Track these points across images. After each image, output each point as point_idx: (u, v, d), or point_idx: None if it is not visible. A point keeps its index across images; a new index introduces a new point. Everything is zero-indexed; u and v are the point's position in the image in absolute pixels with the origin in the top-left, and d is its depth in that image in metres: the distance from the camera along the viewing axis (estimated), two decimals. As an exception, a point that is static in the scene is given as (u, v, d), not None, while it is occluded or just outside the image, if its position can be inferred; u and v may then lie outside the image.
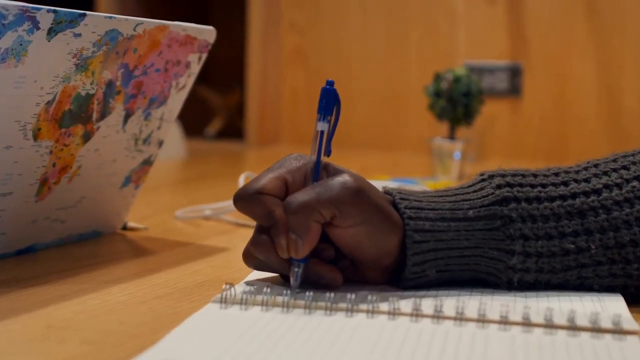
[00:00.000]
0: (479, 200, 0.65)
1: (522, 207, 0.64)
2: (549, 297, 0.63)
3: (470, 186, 0.67)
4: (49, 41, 0.64)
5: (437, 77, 1.53)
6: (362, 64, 2.16)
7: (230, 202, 0.98)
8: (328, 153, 0.64)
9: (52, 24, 0.64)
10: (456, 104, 1.50)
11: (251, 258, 0.65)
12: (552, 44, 1.96)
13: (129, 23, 0.71)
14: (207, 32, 0.82)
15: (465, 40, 2.03)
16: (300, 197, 0.61)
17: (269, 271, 0.65)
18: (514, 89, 1.99)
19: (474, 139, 1.74)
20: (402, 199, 0.64)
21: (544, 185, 0.66)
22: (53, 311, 0.58)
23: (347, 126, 2.16)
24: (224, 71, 2.60)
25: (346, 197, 0.61)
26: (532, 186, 0.66)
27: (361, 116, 2.15)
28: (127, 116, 0.78)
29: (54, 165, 0.73)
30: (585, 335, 0.54)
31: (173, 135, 1.92)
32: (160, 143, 0.86)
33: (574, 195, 0.66)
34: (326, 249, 0.64)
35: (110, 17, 0.69)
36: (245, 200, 0.63)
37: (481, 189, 0.66)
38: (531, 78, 1.97)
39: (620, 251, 0.64)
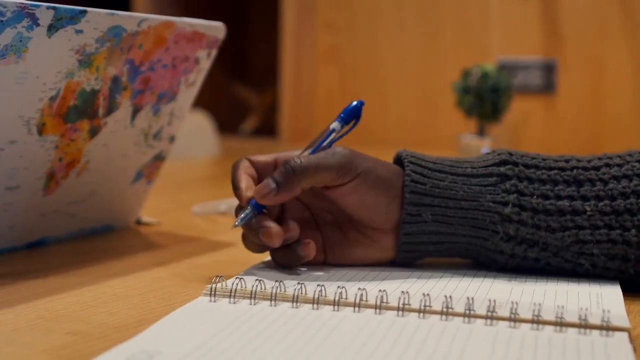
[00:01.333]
0: (479, 162, 0.68)
1: (520, 169, 0.67)
2: (547, 286, 0.63)
3: (475, 157, 0.70)
4: (49, 37, 0.65)
5: (465, 73, 1.52)
6: (396, 62, 2.15)
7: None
8: (329, 147, 0.69)
9: (52, 20, 0.65)
10: (484, 100, 1.49)
11: (244, 239, 0.69)
12: (587, 40, 1.94)
13: (132, 19, 0.72)
14: (215, 28, 0.82)
15: (499, 36, 2.01)
16: (303, 159, 0.65)
17: (264, 251, 0.68)
18: (548, 86, 1.97)
19: (507, 136, 1.73)
20: (405, 151, 0.69)
21: (544, 159, 0.68)
22: (47, 303, 0.59)
23: (381, 124, 2.16)
24: (261, 70, 2.61)
25: (342, 158, 0.65)
26: (533, 158, 0.68)
27: (395, 114, 2.15)
28: (135, 111, 0.79)
29: (60, 159, 0.74)
30: (571, 332, 0.53)
31: (206, 133, 1.94)
32: (172, 138, 0.87)
33: (572, 168, 0.68)
34: (289, 226, 0.66)
35: (113, 14, 0.70)
36: (233, 165, 0.69)
37: (484, 157, 0.69)
38: (565, 74, 1.95)
39: (617, 218, 0.65)
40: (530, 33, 1.98)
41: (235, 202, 1.00)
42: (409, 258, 0.68)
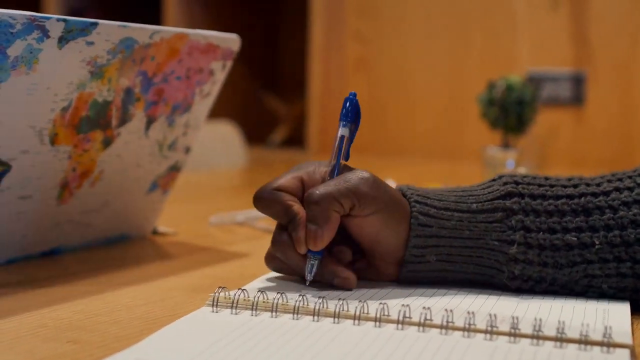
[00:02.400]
0: (484, 195, 0.66)
1: (526, 201, 0.65)
2: (554, 302, 0.62)
3: (479, 185, 0.69)
4: (60, 49, 0.66)
5: (490, 85, 1.51)
6: (424, 72, 2.15)
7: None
8: (346, 158, 0.68)
9: (62, 32, 0.65)
10: (509, 112, 1.48)
11: (272, 259, 0.67)
12: (617, 50, 1.92)
13: (144, 31, 0.73)
14: (230, 40, 0.83)
15: (528, 47, 2.00)
16: (320, 188, 0.64)
17: (288, 273, 0.67)
18: (578, 98, 1.95)
19: (535, 149, 1.72)
20: (409, 189, 0.68)
21: (552, 186, 0.67)
22: (52, 311, 0.60)
23: (408, 135, 2.15)
24: (291, 80, 2.62)
25: (364, 187, 0.63)
26: (540, 185, 0.67)
27: (422, 125, 2.14)
28: (150, 122, 0.80)
29: (74, 169, 0.75)
30: (572, 348, 0.52)
31: (233, 143, 1.95)
32: (187, 149, 0.88)
33: (581, 195, 0.66)
34: (343, 251, 0.67)
35: (125, 26, 0.70)
36: (263, 198, 0.66)
37: (489, 186, 0.68)
38: (595, 86, 1.94)
39: (627, 249, 0.63)
40: (559, 44, 1.96)
41: (252, 212, 1.01)
42: (410, 283, 0.68)
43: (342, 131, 0.67)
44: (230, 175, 1.76)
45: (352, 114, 0.67)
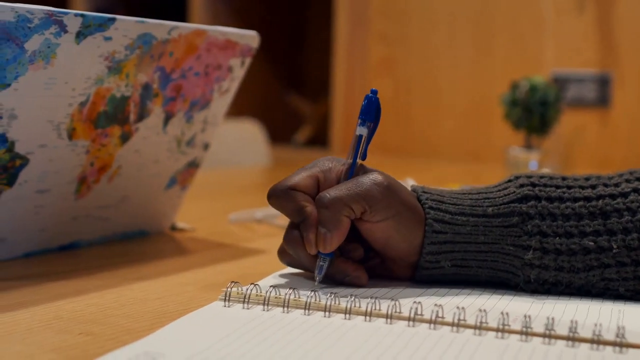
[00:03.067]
0: (500, 198, 0.65)
1: (542, 205, 0.64)
2: (569, 301, 0.62)
3: (495, 186, 0.68)
4: (78, 44, 0.67)
5: (514, 86, 1.50)
6: (448, 73, 2.14)
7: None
8: (364, 157, 0.67)
9: (80, 27, 0.66)
10: (532, 113, 1.47)
11: (284, 254, 0.67)
12: (644, 53, 1.90)
13: (162, 27, 0.73)
14: (249, 37, 0.83)
15: (553, 49, 1.99)
16: (332, 192, 0.63)
17: (300, 268, 0.68)
18: (603, 99, 1.94)
19: (560, 150, 1.71)
20: (424, 192, 0.67)
21: (569, 187, 0.66)
22: (67, 304, 0.60)
23: (434, 137, 2.15)
24: (316, 80, 2.62)
25: (376, 193, 0.63)
26: (557, 187, 0.66)
27: (448, 127, 2.13)
28: (168, 118, 0.80)
29: (92, 164, 0.76)
30: (584, 347, 0.52)
31: (256, 142, 1.95)
32: (206, 146, 0.88)
33: (599, 197, 0.65)
34: (355, 249, 0.66)
35: (142, 21, 0.71)
36: (277, 196, 0.66)
37: (505, 188, 0.67)
38: (621, 88, 1.92)
39: None
40: (584, 46, 1.95)
41: (271, 210, 1.01)
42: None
43: (360, 130, 0.66)
44: (252, 173, 1.76)
45: (371, 112, 0.66)
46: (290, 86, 2.60)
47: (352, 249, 0.66)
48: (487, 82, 2.08)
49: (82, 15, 0.65)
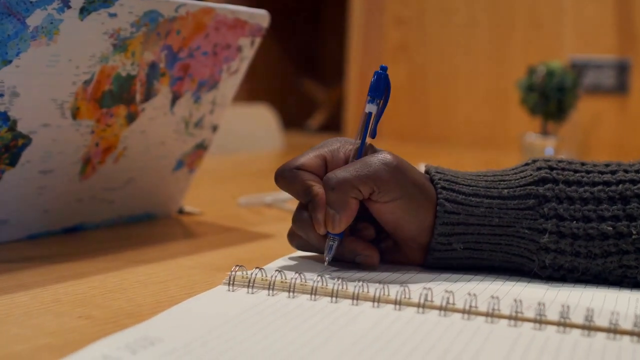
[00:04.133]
0: (516, 181, 0.63)
1: (560, 188, 0.62)
2: (584, 289, 0.60)
3: (512, 169, 0.66)
4: (81, 20, 0.65)
5: (531, 71, 1.48)
6: (465, 59, 2.12)
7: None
8: (373, 135, 0.65)
9: (84, 3, 0.64)
10: (549, 98, 1.45)
11: (293, 237, 0.66)
12: (664, 39, 1.87)
13: (169, 4, 0.71)
14: (259, 16, 0.81)
15: (571, 34, 1.96)
16: (339, 173, 0.62)
17: (310, 250, 0.66)
18: (621, 86, 1.91)
19: (577, 137, 1.68)
20: (437, 172, 0.65)
21: (588, 172, 0.64)
22: (68, 287, 0.59)
23: (450, 122, 2.12)
24: (330, 66, 2.60)
25: (384, 173, 0.61)
26: (575, 171, 0.64)
27: (464, 112, 2.11)
28: (175, 99, 0.79)
29: (97, 144, 0.74)
30: (600, 336, 0.50)
31: (269, 127, 1.93)
32: (215, 127, 0.86)
33: (618, 182, 0.63)
34: (366, 228, 0.65)
35: (148, -2, 0.69)
36: (284, 176, 0.64)
37: (521, 171, 0.65)
38: (639, 75, 1.89)
39: None
40: (603, 31, 1.92)
41: (280, 194, 0.99)
42: (436, 268, 0.66)
43: (369, 107, 0.64)
44: (264, 158, 1.74)
45: (380, 89, 0.64)
46: (304, 71, 2.58)
47: (362, 227, 0.65)
48: (504, 67, 2.05)
49: (85, -9, 0.64)
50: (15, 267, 0.64)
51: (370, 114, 0.64)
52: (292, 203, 0.97)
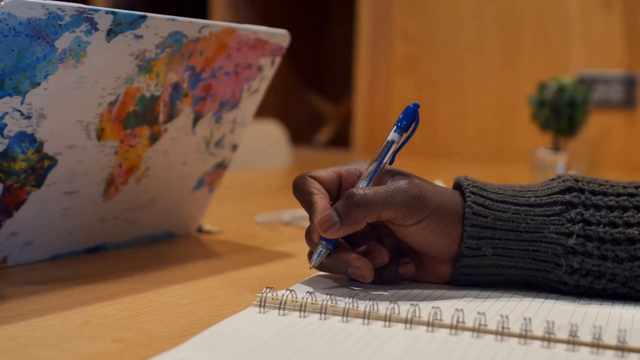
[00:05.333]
0: (543, 190, 0.65)
1: (586, 196, 0.64)
2: (612, 309, 0.60)
3: (539, 183, 0.67)
4: (108, 42, 0.65)
5: (541, 86, 1.48)
6: (473, 73, 2.12)
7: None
8: (390, 162, 0.66)
9: (111, 25, 0.64)
10: (560, 114, 1.45)
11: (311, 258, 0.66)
12: (672, 53, 1.88)
13: (193, 25, 0.71)
14: (279, 36, 0.81)
15: (580, 49, 1.97)
16: (367, 192, 0.62)
17: (326, 271, 0.66)
18: (629, 101, 1.91)
19: (586, 152, 1.69)
20: (466, 179, 0.66)
21: (612, 185, 0.65)
22: (96, 309, 0.59)
23: (458, 137, 2.12)
24: (337, 80, 2.60)
25: (410, 200, 0.61)
26: (600, 184, 0.65)
27: (472, 127, 2.11)
28: (197, 119, 0.79)
29: (120, 165, 0.74)
30: (634, 357, 0.50)
31: (279, 143, 1.93)
32: (234, 147, 0.87)
33: None
34: (379, 254, 0.65)
35: (173, 19, 0.69)
36: (295, 182, 0.66)
37: (548, 184, 0.66)
38: (648, 89, 1.89)
39: None
40: (611, 46, 1.92)
41: (298, 212, 0.99)
42: (466, 283, 0.66)
43: (392, 136, 0.66)
44: (275, 174, 1.74)
45: (406, 123, 0.66)
46: (311, 86, 2.59)
47: (375, 253, 0.64)
48: (513, 82, 2.05)
49: (113, 13, 0.64)
50: (43, 288, 0.64)
51: (392, 142, 0.66)
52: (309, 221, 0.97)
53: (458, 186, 0.66)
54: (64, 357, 0.48)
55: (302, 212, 1.01)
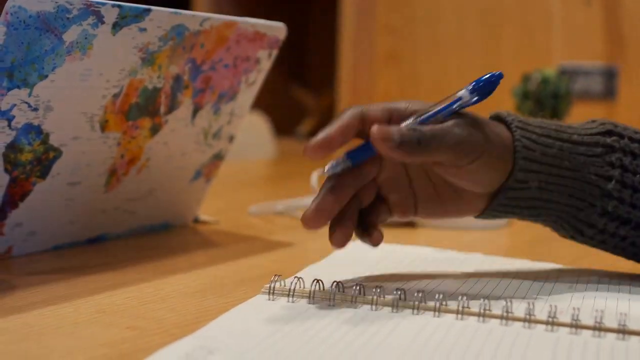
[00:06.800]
0: (584, 129, 0.66)
1: (625, 142, 0.65)
2: (608, 293, 0.62)
3: (576, 123, 0.67)
4: (114, 35, 0.66)
5: (525, 78, 1.50)
6: (455, 66, 2.14)
7: (302, 199, 1.00)
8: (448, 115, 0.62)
9: (116, 18, 0.65)
10: (544, 105, 1.47)
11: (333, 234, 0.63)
12: (651, 46, 1.91)
13: (195, 18, 0.72)
14: (277, 29, 0.83)
15: (561, 41, 1.99)
16: (429, 131, 0.59)
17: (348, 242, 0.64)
18: (609, 92, 1.94)
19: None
20: (508, 114, 0.65)
21: None
22: (106, 297, 0.60)
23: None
24: (319, 72, 2.61)
25: (461, 143, 0.60)
26: (636, 132, 0.66)
27: (453, 118, 2.13)
28: (196, 110, 0.80)
29: (122, 156, 0.75)
30: (634, 340, 0.52)
31: (262, 134, 1.94)
32: (231, 138, 0.88)
33: None
34: (383, 215, 0.64)
35: (176, 13, 0.70)
36: (348, 109, 0.63)
37: (587, 124, 0.67)
38: (627, 81, 1.92)
39: None
40: (592, 38, 1.95)
41: (292, 202, 1.01)
42: (496, 217, 0.66)
43: (462, 93, 0.62)
44: (262, 166, 1.75)
45: (483, 88, 0.62)
46: (293, 78, 2.60)
47: (381, 211, 0.64)
48: (493, 74, 2.07)
49: (119, 6, 0.65)
50: (50, 278, 0.65)
51: (459, 99, 0.62)
52: (303, 211, 0.98)
53: (499, 119, 0.65)
54: (83, 345, 0.49)
55: (296, 202, 1.02)
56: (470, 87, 0.62)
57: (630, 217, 0.64)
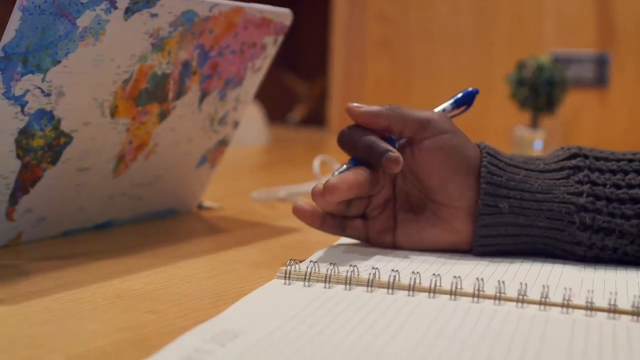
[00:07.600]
0: (550, 159, 0.70)
1: (590, 161, 0.69)
2: (617, 275, 0.62)
3: (546, 155, 0.72)
4: (126, 20, 0.66)
5: (520, 65, 1.51)
6: (448, 53, 2.14)
7: (305, 185, 1.00)
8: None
9: (129, 3, 0.65)
10: (539, 92, 1.48)
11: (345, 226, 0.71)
12: (643, 33, 1.91)
13: (204, 4, 0.72)
14: (283, 15, 0.83)
15: (553, 29, 2.00)
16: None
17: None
18: (601, 80, 1.95)
19: (560, 129, 1.72)
20: (482, 143, 0.71)
21: (612, 152, 0.70)
22: (122, 282, 0.60)
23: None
24: (311, 59, 2.61)
25: (431, 114, 0.71)
26: (601, 152, 0.70)
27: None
28: (203, 96, 0.80)
29: (130, 142, 0.75)
30: (625, 318, 0.53)
31: (255, 121, 1.94)
32: (236, 124, 0.88)
33: None
34: (358, 206, 0.70)
35: (186, -2, 0.70)
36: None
37: (554, 154, 0.71)
38: (619, 69, 1.93)
39: None
40: (584, 26, 1.96)
41: (293, 189, 1.01)
42: (486, 252, 0.68)
43: (446, 105, 0.74)
44: (258, 152, 1.75)
45: (462, 100, 0.74)
46: (285, 65, 2.60)
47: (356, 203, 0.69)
48: (488, 61, 2.08)
49: (131, -8, 0.65)
50: (63, 264, 0.65)
51: (443, 110, 0.73)
52: (306, 197, 0.99)
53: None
54: (105, 328, 0.49)
55: (298, 188, 1.02)
56: (453, 100, 0.74)
57: (612, 226, 0.66)
